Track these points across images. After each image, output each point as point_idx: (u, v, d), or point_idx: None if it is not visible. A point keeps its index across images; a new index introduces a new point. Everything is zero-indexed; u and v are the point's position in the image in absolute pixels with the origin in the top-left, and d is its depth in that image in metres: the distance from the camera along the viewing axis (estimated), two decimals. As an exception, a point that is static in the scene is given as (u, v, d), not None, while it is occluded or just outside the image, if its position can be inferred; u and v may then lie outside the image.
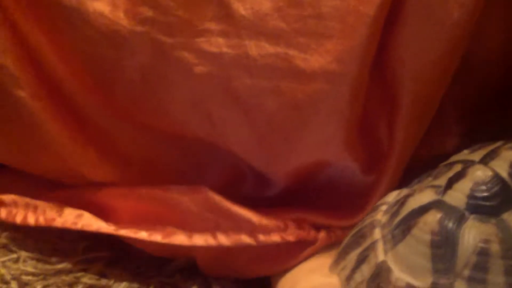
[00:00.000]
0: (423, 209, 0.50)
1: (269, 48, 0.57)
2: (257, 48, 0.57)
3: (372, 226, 0.54)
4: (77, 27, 0.60)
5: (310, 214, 0.64)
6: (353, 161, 0.61)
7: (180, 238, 0.62)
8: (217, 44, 0.58)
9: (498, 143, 0.53)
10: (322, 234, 0.62)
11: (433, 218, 0.49)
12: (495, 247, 0.46)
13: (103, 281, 0.63)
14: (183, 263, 0.65)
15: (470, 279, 0.46)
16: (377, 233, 0.53)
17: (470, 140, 0.61)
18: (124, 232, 0.63)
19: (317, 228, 0.63)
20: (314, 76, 0.56)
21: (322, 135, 0.60)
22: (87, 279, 0.63)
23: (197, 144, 0.63)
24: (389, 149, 0.61)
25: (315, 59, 0.56)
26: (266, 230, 0.61)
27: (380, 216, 0.54)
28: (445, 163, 0.55)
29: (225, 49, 0.58)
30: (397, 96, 0.60)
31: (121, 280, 0.63)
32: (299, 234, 0.62)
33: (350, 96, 0.57)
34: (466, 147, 0.57)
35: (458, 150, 0.57)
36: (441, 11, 0.57)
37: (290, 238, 0.62)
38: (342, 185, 0.64)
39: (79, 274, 0.64)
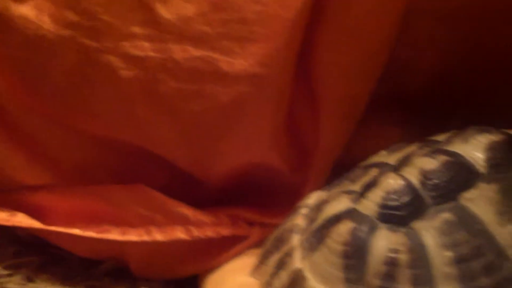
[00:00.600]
0: (337, 218, 0.51)
1: (193, 51, 0.57)
2: (181, 51, 0.57)
3: (291, 231, 0.54)
4: (2, 31, 0.60)
5: (244, 211, 0.65)
6: (280, 161, 0.62)
7: (114, 234, 0.62)
8: (143, 48, 0.58)
9: (413, 147, 0.54)
10: (255, 230, 0.63)
11: (345, 228, 0.49)
12: (403, 257, 0.47)
13: (30, 286, 0.63)
14: (112, 266, 0.65)
15: (379, 289, 0.47)
16: (296, 239, 0.53)
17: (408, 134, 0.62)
18: (58, 228, 0.62)
19: (251, 224, 0.63)
20: (238, 79, 0.57)
21: (249, 137, 0.60)
22: (13, 284, 0.63)
23: (128, 146, 0.63)
24: (314, 148, 0.61)
25: (239, 63, 0.56)
26: (201, 225, 0.62)
27: (300, 220, 0.55)
28: (363, 163, 0.56)
29: (150, 53, 0.58)
30: (321, 96, 0.60)
31: (49, 285, 0.63)
32: (233, 229, 0.63)
33: (274, 98, 0.58)
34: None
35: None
36: (362, 14, 0.57)
37: (224, 232, 0.62)
38: (271, 184, 0.65)
39: (4, 280, 0.63)
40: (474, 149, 0.52)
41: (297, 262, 0.52)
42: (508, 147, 0.52)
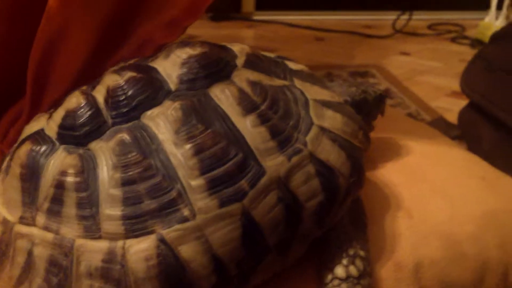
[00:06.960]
0: (23, 141, 0.48)
1: None
2: None
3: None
4: None
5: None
6: None
7: None
8: None
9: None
10: None
11: (24, 150, 0.47)
12: (70, 180, 0.45)
13: None
14: None
15: (48, 212, 0.45)
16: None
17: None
18: None
19: None
20: None
21: None
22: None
23: None
24: None
25: None
26: None
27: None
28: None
29: None
30: None
31: None
32: None
33: None
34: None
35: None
36: None
37: None
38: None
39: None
40: (172, 64, 0.49)
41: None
42: (206, 60, 0.49)
